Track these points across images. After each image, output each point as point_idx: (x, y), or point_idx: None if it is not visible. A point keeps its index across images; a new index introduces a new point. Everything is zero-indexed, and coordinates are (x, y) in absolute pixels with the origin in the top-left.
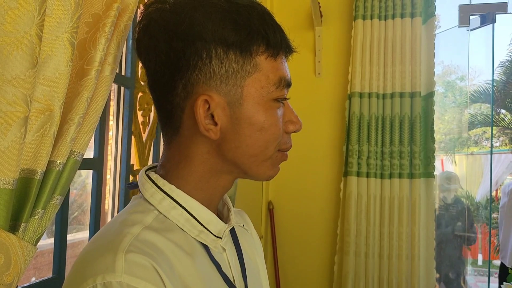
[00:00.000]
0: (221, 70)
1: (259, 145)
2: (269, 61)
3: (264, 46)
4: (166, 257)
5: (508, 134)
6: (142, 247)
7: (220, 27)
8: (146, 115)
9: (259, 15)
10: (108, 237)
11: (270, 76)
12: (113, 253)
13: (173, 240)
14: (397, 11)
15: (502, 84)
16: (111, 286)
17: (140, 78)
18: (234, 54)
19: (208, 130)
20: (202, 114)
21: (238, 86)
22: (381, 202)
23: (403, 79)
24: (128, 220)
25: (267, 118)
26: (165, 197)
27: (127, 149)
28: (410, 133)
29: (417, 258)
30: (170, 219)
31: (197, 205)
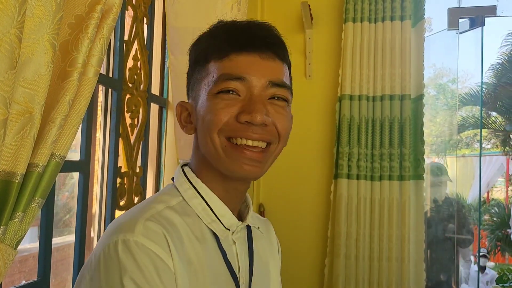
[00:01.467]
0: (191, 82)
1: (206, 134)
2: (217, 63)
3: (215, 53)
4: (179, 233)
5: (499, 136)
6: (161, 220)
7: (193, 52)
8: (134, 117)
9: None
10: (139, 208)
11: (214, 75)
12: (136, 219)
13: (188, 224)
14: (387, 14)
15: (493, 86)
16: (129, 242)
17: (128, 80)
18: (198, 68)
19: (184, 127)
20: (178, 115)
21: (198, 91)
22: (371, 204)
23: (393, 82)
24: (157, 199)
25: (205, 109)
26: (191, 187)
27: (115, 152)
28: (400, 135)
29: (407, 260)
30: (191, 206)
31: (215, 198)
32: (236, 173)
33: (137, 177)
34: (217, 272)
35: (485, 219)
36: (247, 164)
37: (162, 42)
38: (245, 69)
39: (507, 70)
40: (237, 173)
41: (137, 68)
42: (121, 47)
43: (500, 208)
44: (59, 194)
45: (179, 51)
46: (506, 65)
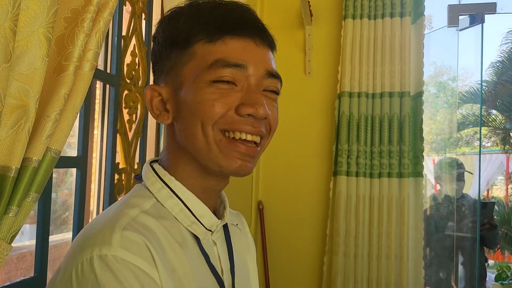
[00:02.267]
0: (166, 64)
1: (196, 125)
2: (206, 46)
3: (203, 35)
4: (159, 240)
5: (499, 134)
6: (138, 227)
7: (167, 31)
8: (132, 113)
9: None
10: (108, 215)
11: (205, 60)
12: (110, 229)
13: (167, 227)
14: (387, 11)
15: (493, 84)
16: (106, 259)
17: (126, 75)
18: (176, 50)
19: (158, 116)
20: (149, 101)
21: (177, 75)
22: (370, 202)
23: (393, 79)
24: (128, 203)
25: (199, 97)
26: (164, 187)
27: (112, 148)
28: (399, 132)
29: (405, 258)
30: (166, 207)
31: (192, 197)
32: (228, 168)
33: (134, 174)
34: (202, 278)
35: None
36: (241, 159)
37: None
38: (243, 55)
39: (507, 68)
40: (229, 169)
41: (135, 64)
42: (119, 42)
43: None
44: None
45: None
46: (506, 63)
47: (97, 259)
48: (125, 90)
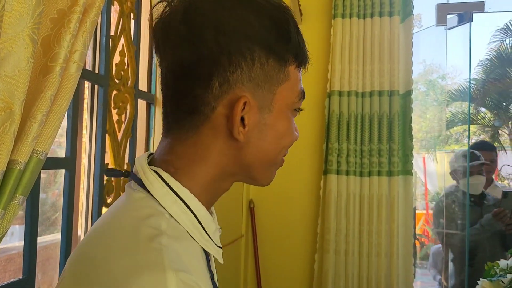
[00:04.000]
0: (260, 74)
1: (277, 152)
2: (296, 72)
3: (293, 57)
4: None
5: (488, 132)
6: (182, 264)
7: (267, 31)
8: (121, 113)
9: (294, 23)
10: (136, 250)
11: (295, 87)
12: (162, 272)
13: (189, 251)
14: (376, 10)
15: (482, 82)
16: None
17: (115, 76)
18: (273, 61)
19: (239, 133)
20: (238, 113)
21: (270, 93)
22: (361, 200)
23: (382, 78)
24: (147, 224)
25: (288, 126)
26: (177, 200)
27: (101, 148)
28: (388, 131)
29: (395, 255)
30: (181, 224)
31: (204, 212)
32: (270, 181)
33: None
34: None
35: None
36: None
37: (150, 37)
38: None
39: (495, 66)
40: (270, 181)
41: (124, 64)
42: (107, 42)
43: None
44: (48, 192)
45: None
46: (495, 61)
47: None
48: (114, 90)
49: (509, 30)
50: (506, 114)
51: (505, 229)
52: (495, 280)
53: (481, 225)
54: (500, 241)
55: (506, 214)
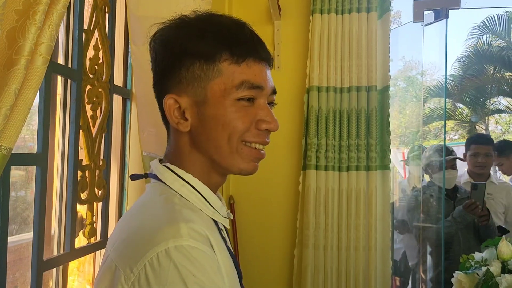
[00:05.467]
0: (187, 75)
1: (222, 137)
2: (232, 67)
3: (228, 55)
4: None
5: (465, 127)
6: (192, 219)
7: (188, 41)
8: (96, 108)
9: (227, 29)
10: (159, 211)
11: (233, 79)
12: (175, 223)
13: (201, 218)
14: (354, 6)
15: (459, 79)
16: (183, 248)
17: (88, 70)
18: (199, 63)
19: (177, 124)
20: (170, 110)
21: (202, 88)
22: (339, 195)
23: (360, 73)
24: (167, 200)
25: (228, 114)
26: (185, 184)
27: (75, 144)
28: (366, 126)
29: (373, 249)
30: (190, 201)
31: (209, 192)
32: (246, 170)
33: (99, 170)
34: (227, 259)
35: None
36: (254, 162)
37: (125, 31)
38: (261, 78)
39: (473, 63)
40: (247, 171)
41: (98, 58)
42: (80, 36)
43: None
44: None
45: (141, 41)
46: (472, 57)
47: (174, 249)
48: (87, 85)
49: (485, 27)
50: (483, 110)
51: (478, 221)
52: (471, 273)
53: (453, 218)
54: (474, 234)
55: (477, 205)
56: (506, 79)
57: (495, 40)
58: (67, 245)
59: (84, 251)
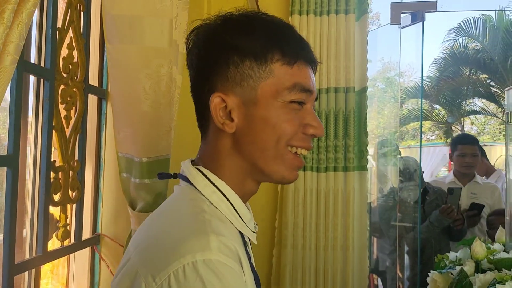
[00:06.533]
0: (236, 74)
1: (271, 139)
2: (284, 68)
3: (279, 55)
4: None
5: (442, 128)
6: (222, 232)
7: (237, 37)
8: (70, 108)
9: (277, 28)
10: (188, 219)
11: (284, 81)
12: (205, 235)
13: (229, 231)
14: (332, 8)
15: (436, 80)
16: (211, 262)
17: (62, 69)
18: (249, 61)
19: (223, 124)
20: (216, 109)
21: (252, 89)
22: (318, 195)
23: (338, 75)
24: (196, 207)
25: (279, 116)
26: (216, 191)
27: (48, 145)
28: (344, 127)
29: (351, 248)
30: (220, 210)
31: (239, 202)
32: (288, 178)
33: (73, 171)
34: (250, 277)
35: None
36: (296, 171)
37: (101, 30)
38: (310, 82)
39: (449, 65)
40: (289, 179)
41: (72, 58)
42: (54, 35)
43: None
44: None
45: (117, 40)
46: (449, 59)
47: (201, 263)
48: (61, 85)
49: (462, 29)
50: (459, 111)
51: (453, 225)
52: (445, 272)
53: (430, 222)
54: (446, 235)
55: (453, 210)
56: (481, 81)
57: (471, 43)
58: (40, 248)
59: (57, 254)
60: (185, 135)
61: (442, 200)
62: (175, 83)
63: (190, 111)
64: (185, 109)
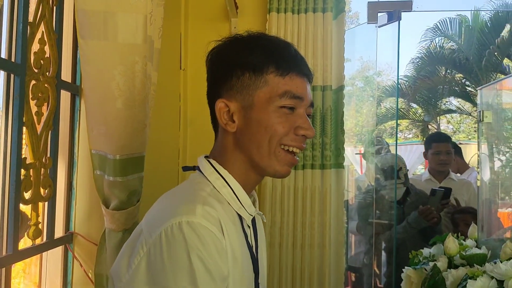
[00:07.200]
0: (237, 84)
1: (264, 138)
2: (277, 78)
3: (274, 68)
4: (223, 218)
5: (419, 126)
6: (213, 206)
7: (240, 55)
8: (41, 105)
9: (275, 46)
10: (184, 194)
11: (277, 89)
12: (193, 204)
13: (224, 209)
14: (310, 6)
15: (413, 79)
16: (193, 224)
17: (33, 65)
18: (248, 73)
19: (226, 124)
20: (220, 112)
21: (250, 96)
22: (295, 193)
23: (315, 73)
24: (197, 187)
25: (271, 119)
26: (219, 178)
27: (18, 141)
28: (321, 125)
29: (328, 246)
30: (222, 194)
31: (240, 189)
32: (280, 172)
33: (45, 169)
34: (244, 252)
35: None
36: (288, 166)
37: (74, 25)
38: (302, 90)
39: (425, 64)
40: (281, 173)
41: (44, 53)
42: (25, 29)
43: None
44: None
45: (90, 35)
46: (425, 59)
47: (185, 224)
48: (32, 80)
49: (438, 29)
50: (435, 109)
51: (430, 223)
52: (419, 268)
53: (408, 223)
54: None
55: (432, 212)
56: (457, 80)
57: (447, 43)
58: (10, 246)
59: (28, 253)
60: (162, 133)
61: (422, 203)
62: (150, 80)
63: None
64: (161, 106)
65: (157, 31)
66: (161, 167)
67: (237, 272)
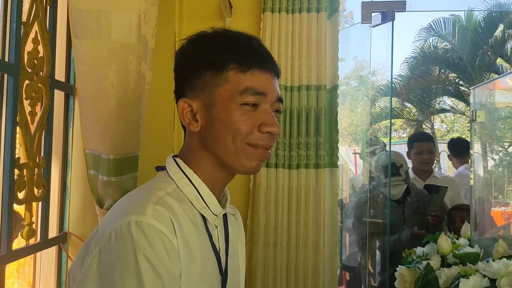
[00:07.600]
0: (199, 82)
1: (227, 137)
2: (238, 75)
3: (235, 64)
4: (178, 216)
5: (413, 126)
6: (165, 204)
7: (201, 53)
8: (35, 104)
9: (236, 42)
10: (141, 194)
11: (237, 86)
12: (145, 203)
13: (184, 208)
14: (304, 5)
15: (407, 79)
16: (141, 224)
17: (27, 64)
18: (209, 71)
19: (189, 124)
20: (182, 112)
21: (211, 93)
22: (289, 192)
23: (310, 73)
24: (156, 186)
25: (232, 117)
26: (183, 177)
27: (11, 141)
28: (316, 125)
29: (322, 245)
30: (184, 193)
31: (205, 188)
32: (249, 168)
33: (39, 169)
34: (206, 253)
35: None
36: (258, 161)
37: (68, 24)
38: (265, 86)
39: (419, 64)
40: (251, 168)
41: (38, 52)
42: (18, 29)
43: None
44: None
45: (83, 35)
46: (419, 58)
47: (134, 223)
48: (25, 80)
49: (432, 29)
50: (429, 109)
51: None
52: (412, 267)
53: (399, 238)
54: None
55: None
56: (450, 80)
57: (441, 43)
58: (4, 246)
59: (22, 253)
60: (156, 132)
61: (423, 203)
62: (144, 79)
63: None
64: (155, 106)
65: (151, 30)
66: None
67: (194, 272)
